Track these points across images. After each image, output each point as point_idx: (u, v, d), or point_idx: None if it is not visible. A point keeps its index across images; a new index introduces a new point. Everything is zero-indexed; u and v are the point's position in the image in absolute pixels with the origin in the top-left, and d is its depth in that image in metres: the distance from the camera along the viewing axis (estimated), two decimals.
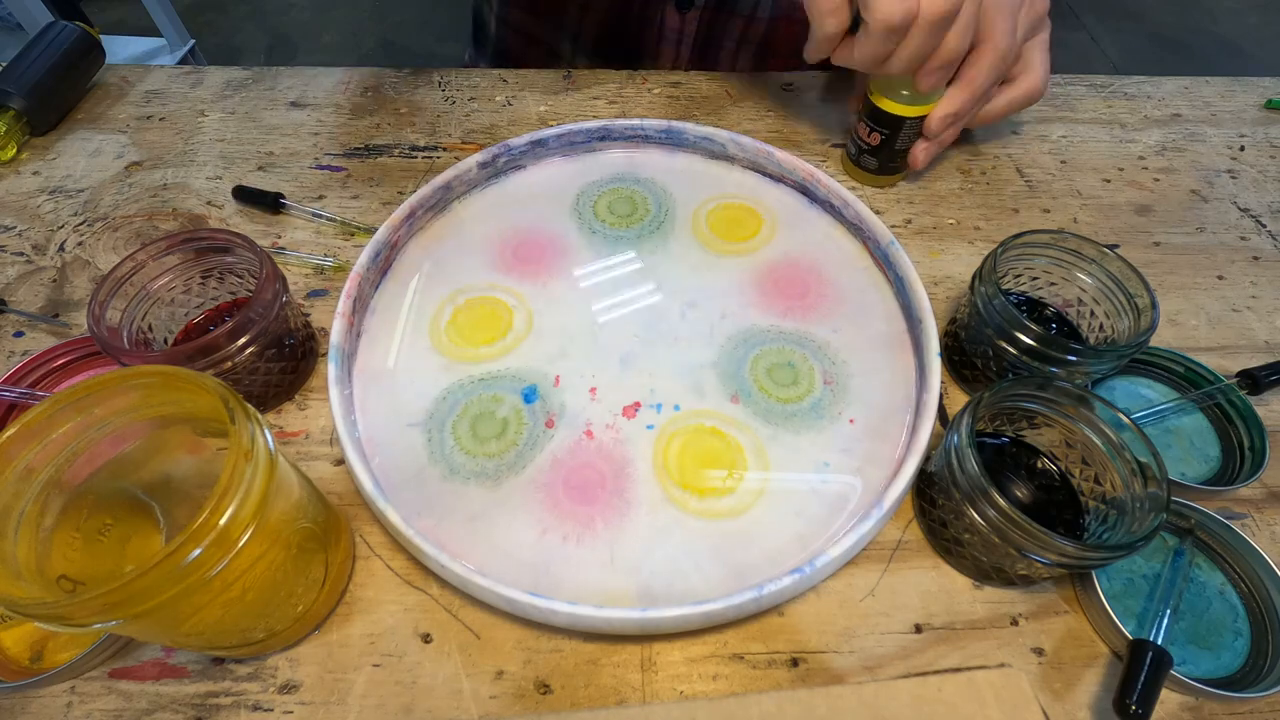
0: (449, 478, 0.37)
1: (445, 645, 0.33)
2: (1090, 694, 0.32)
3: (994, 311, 0.36)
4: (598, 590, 0.34)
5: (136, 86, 0.59)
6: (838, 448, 0.38)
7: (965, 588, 0.35)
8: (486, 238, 0.47)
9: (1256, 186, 0.53)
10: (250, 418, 0.25)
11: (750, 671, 0.33)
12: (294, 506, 0.28)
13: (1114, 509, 0.32)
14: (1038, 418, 0.35)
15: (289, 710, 0.31)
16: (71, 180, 0.52)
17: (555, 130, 0.50)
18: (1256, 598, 0.34)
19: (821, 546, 0.34)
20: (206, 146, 0.54)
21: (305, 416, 0.40)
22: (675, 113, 0.57)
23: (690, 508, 0.36)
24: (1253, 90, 0.60)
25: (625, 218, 0.48)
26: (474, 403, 0.39)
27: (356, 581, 0.35)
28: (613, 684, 0.32)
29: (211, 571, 0.23)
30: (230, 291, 0.42)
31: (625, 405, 0.39)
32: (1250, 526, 0.37)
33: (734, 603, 0.31)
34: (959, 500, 0.31)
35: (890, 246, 0.43)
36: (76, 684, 0.32)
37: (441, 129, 0.55)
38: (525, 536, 0.35)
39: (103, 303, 0.35)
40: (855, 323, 0.43)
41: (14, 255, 0.47)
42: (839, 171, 0.53)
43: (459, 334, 0.42)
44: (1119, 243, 0.49)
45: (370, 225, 0.48)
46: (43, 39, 0.55)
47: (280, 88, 0.58)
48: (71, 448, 0.26)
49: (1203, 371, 0.40)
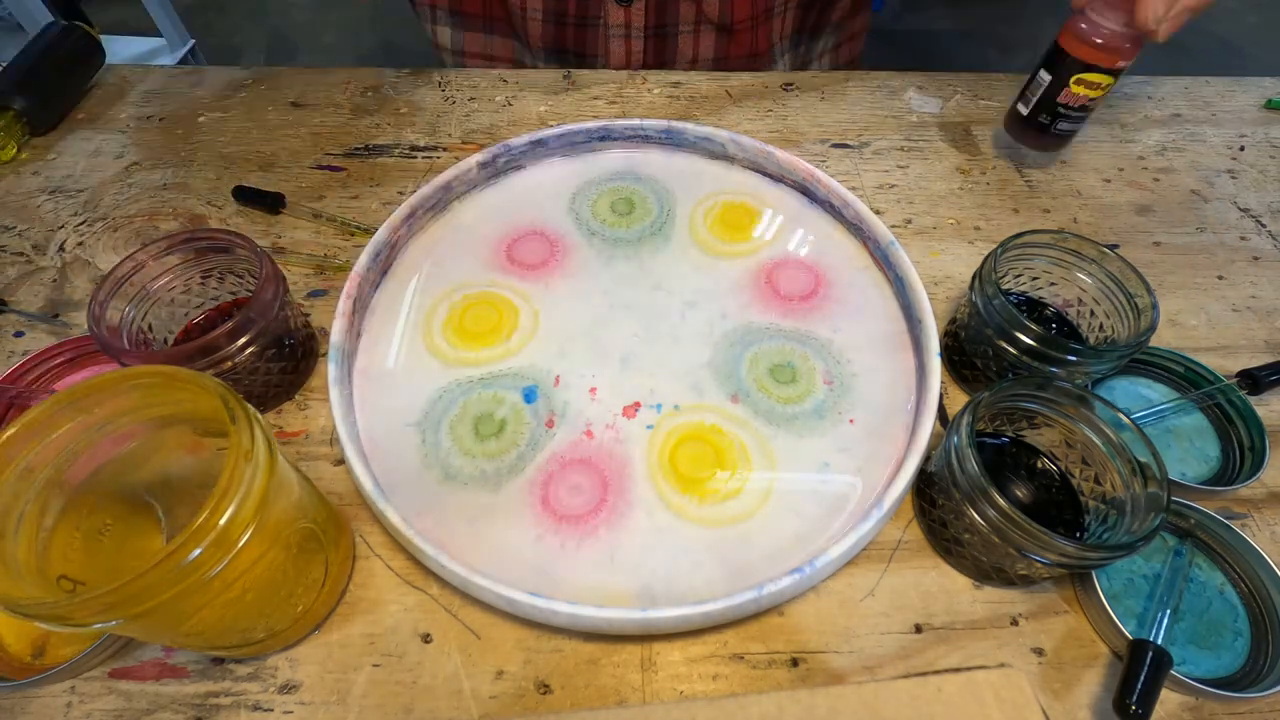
0: (445, 481, 0.37)
1: (445, 645, 0.33)
2: (1090, 694, 0.32)
3: (994, 311, 0.36)
4: (598, 590, 0.34)
5: (136, 86, 0.59)
6: (838, 448, 0.38)
7: (965, 588, 0.35)
8: (486, 238, 0.47)
9: (1256, 186, 0.53)
10: (250, 418, 0.25)
11: (750, 671, 0.33)
12: (294, 506, 0.28)
13: (1114, 509, 0.32)
14: (1038, 418, 0.35)
15: (289, 710, 0.31)
16: (71, 180, 0.52)
17: (555, 130, 0.50)
18: (1256, 598, 0.34)
19: (821, 546, 0.34)
20: (206, 146, 0.54)
21: (305, 416, 0.40)
22: (675, 113, 0.57)
23: (690, 508, 0.36)
24: (1253, 90, 0.60)
25: (625, 218, 0.48)
26: (474, 402, 0.39)
27: (356, 581, 0.35)
28: (613, 684, 0.32)
29: (211, 571, 0.23)
30: (230, 291, 0.42)
31: (625, 405, 0.39)
32: (1250, 526, 0.37)
33: (734, 603, 0.31)
34: (959, 500, 0.31)
35: (890, 246, 0.43)
36: (76, 684, 0.31)
37: (441, 129, 0.55)
38: (525, 536, 0.35)
39: (103, 303, 0.35)
40: (855, 323, 0.43)
41: (14, 255, 0.47)
42: (841, 171, 0.53)
43: (459, 334, 0.42)
44: (1119, 243, 0.49)
45: (370, 225, 0.48)
46: (43, 39, 0.55)
47: (280, 88, 0.58)
48: (71, 448, 0.26)
49: (1203, 371, 0.40)
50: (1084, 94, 0.45)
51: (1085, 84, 0.44)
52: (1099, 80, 0.44)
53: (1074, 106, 0.46)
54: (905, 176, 0.53)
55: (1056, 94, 0.46)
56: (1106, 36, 0.42)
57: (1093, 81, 0.44)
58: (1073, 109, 0.46)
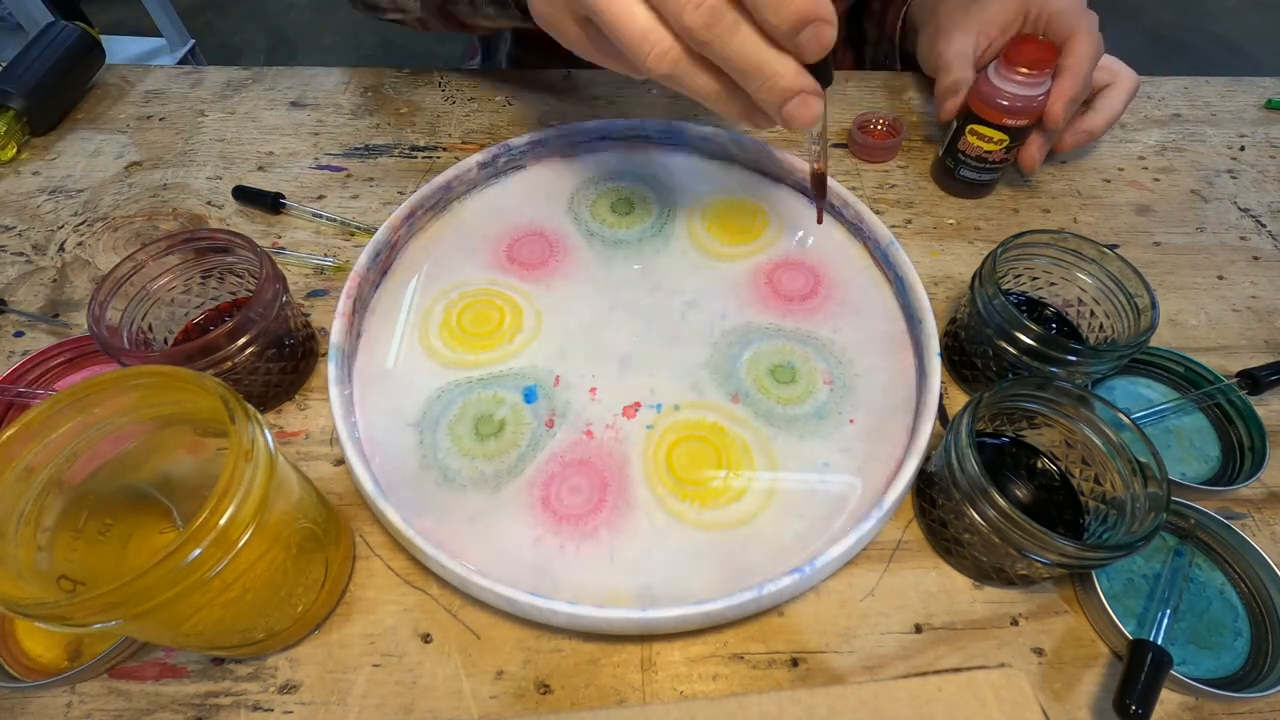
0: (445, 481, 0.37)
1: (445, 645, 0.33)
2: (1090, 694, 0.32)
3: (994, 311, 0.36)
4: (598, 590, 0.34)
5: (136, 86, 0.59)
6: (838, 448, 0.38)
7: (965, 588, 0.35)
8: (486, 238, 0.47)
9: (1256, 186, 0.53)
10: (250, 418, 0.25)
11: (750, 671, 0.33)
12: (294, 506, 0.28)
13: (1114, 509, 0.32)
14: (1038, 418, 0.35)
15: (289, 710, 0.31)
16: (71, 180, 0.52)
17: (555, 130, 0.50)
18: (1256, 598, 0.34)
19: (821, 546, 0.33)
20: (206, 146, 0.54)
21: (305, 416, 0.40)
22: (675, 113, 0.56)
23: (690, 508, 0.36)
24: (1253, 90, 0.60)
25: (625, 218, 0.48)
26: (474, 402, 0.39)
27: (356, 581, 0.35)
28: (613, 684, 0.32)
29: (211, 571, 0.23)
30: (230, 291, 0.42)
31: (625, 405, 0.39)
32: (1250, 526, 0.37)
33: (734, 603, 0.31)
34: (959, 500, 0.31)
35: (890, 246, 0.43)
36: (76, 684, 0.31)
37: (441, 129, 0.55)
38: (525, 536, 0.35)
39: (103, 303, 0.35)
40: (855, 323, 0.43)
41: (14, 255, 0.47)
42: (841, 171, 0.53)
43: (459, 334, 0.42)
44: (1119, 243, 0.49)
45: (370, 225, 0.48)
46: (43, 39, 0.55)
47: (280, 88, 0.58)
48: (71, 448, 0.26)
49: (1203, 371, 0.40)
50: (978, 145, 0.47)
51: (978, 135, 0.47)
52: (991, 134, 0.46)
53: (971, 156, 0.48)
54: (905, 176, 0.53)
55: (957, 142, 0.48)
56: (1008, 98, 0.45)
57: (985, 134, 0.46)
58: (970, 158, 0.48)
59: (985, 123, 0.46)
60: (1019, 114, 0.45)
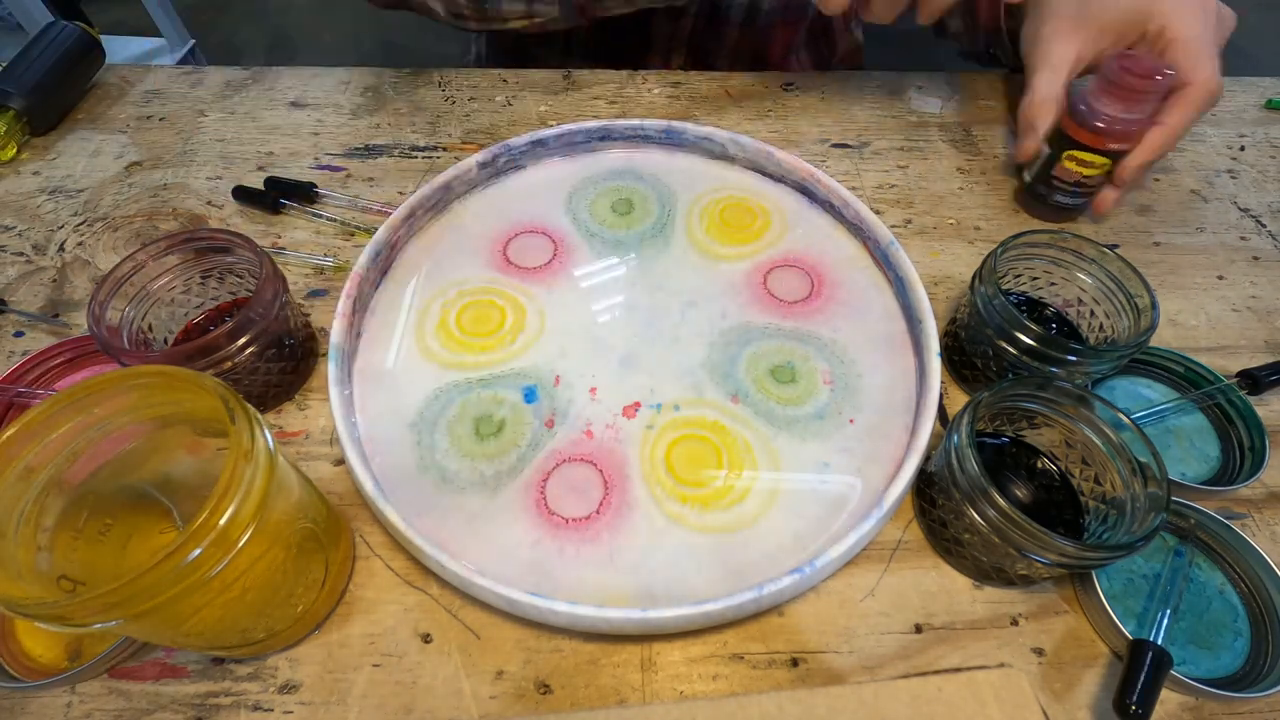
0: (445, 482, 0.37)
1: (445, 645, 0.33)
2: (1090, 694, 0.32)
3: (994, 311, 0.36)
4: (598, 590, 0.34)
5: (136, 86, 0.59)
6: (838, 448, 0.38)
7: (965, 588, 0.35)
8: (486, 238, 0.47)
9: (1256, 186, 0.53)
10: (250, 418, 0.25)
11: (750, 671, 0.33)
12: (294, 506, 0.28)
13: (1114, 509, 0.32)
14: (1038, 418, 0.35)
15: (289, 710, 0.31)
16: (71, 180, 0.52)
17: (555, 130, 0.50)
18: (1256, 598, 0.34)
19: (821, 546, 0.34)
20: (206, 146, 0.54)
21: (305, 416, 0.40)
22: (675, 113, 0.57)
23: (690, 508, 0.36)
24: (1253, 90, 0.60)
25: (625, 217, 0.48)
26: (474, 402, 0.39)
27: (356, 581, 0.35)
28: (613, 684, 0.32)
29: (211, 571, 0.23)
30: (230, 291, 0.42)
31: (625, 405, 0.39)
32: (1250, 526, 0.37)
33: (734, 603, 0.31)
34: (959, 500, 0.31)
35: (890, 246, 0.43)
36: (76, 684, 0.31)
37: (441, 129, 0.55)
38: (525, 536, 0.35)
39: (103, 303, 0.35)
40: (855, 323, 0.43)
41: (14, 255, 0.47)
42: (841, 171, 0.53)
43: (459, 334, 0.42)
44: (1119, 243, 0.49)
45: (370, 225, 0.48)
46: (43, 39, 0.55)
47: (280, 88, 0.58)
48: (71, 448, 0.26)
49: (1203, 371, 0.40)
50: (1077, 170, 0.45)
51: (1078, 161, 0.45)
52: (1092, 160, 0.44)
53: (1068, 181, 0.46)
54: (905, 177, 0.53)
55: (1051, 167, 0.47)
56: (1106, 121, 0.42)
57: (1085, 160, 0.45)
58: (1067, 183, 0.47)
59: (1085, 148, 0.44)
60: (1120, 138, 0.42)
